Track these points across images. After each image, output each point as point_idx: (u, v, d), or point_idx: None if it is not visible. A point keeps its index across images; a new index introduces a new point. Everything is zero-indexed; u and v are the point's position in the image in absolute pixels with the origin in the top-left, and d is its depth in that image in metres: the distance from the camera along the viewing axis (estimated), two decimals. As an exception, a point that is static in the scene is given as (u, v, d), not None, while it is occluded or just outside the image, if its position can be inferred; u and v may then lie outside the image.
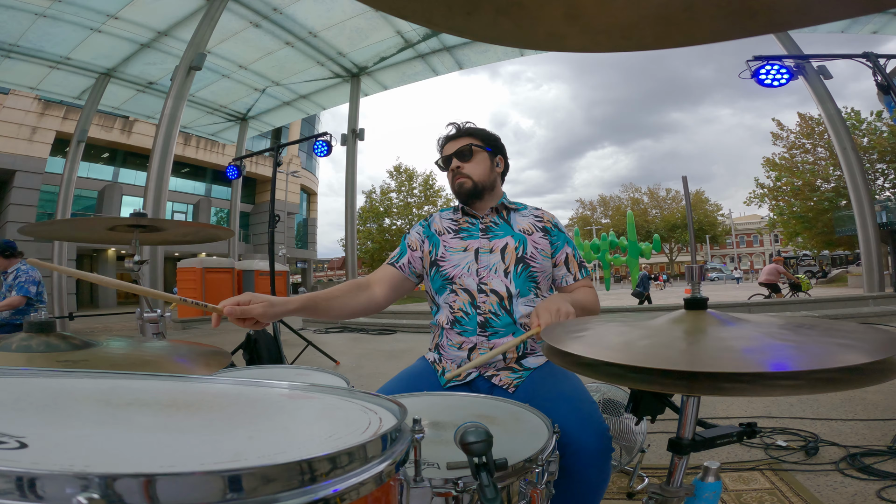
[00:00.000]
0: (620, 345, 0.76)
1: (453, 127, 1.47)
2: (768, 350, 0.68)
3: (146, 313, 2.25)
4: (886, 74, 3.83)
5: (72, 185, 11.38)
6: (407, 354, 5.62)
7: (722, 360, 0.66)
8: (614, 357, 0.68)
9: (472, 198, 1.41)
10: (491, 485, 0.61)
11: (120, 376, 0.71)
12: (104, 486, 0.32)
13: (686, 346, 0.73)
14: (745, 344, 0.70)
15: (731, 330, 0.76)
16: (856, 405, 2.84)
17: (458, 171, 1.40)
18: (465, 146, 1.41)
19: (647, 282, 13.89)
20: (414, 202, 25.34)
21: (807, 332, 0.75)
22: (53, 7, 8.53)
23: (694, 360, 0.67)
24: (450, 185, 1.46)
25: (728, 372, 0.64)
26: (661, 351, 0.71)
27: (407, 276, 1.43)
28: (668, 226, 39.97)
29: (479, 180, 1.40)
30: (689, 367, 0.63)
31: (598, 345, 0.78)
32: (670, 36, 0.47)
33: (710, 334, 0.76)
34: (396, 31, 10.36)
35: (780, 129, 20.70)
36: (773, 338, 0.72)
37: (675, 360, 0.67)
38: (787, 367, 0.62)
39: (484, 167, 1.42)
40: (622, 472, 1.96)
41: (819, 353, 0.66)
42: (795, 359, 0.65)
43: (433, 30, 1.96)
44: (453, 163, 1.41)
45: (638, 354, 0.71)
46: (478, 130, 1.45)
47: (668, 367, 0.64)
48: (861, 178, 9.65)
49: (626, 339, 0.78)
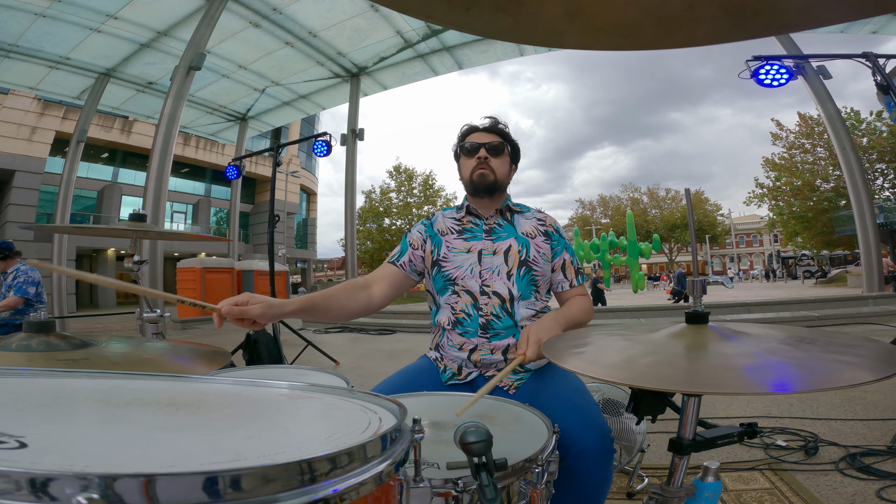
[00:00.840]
0: (622, 362, 0.76)
1: (489, 120, 1.47)
2: (769, 368, 0.68)
3: (146, 313, 2.25)
4: (886, 74, 3.83)
5: (71, 185, 11.36)
6: (407, 354, 5.62)
7: (723, 379, 0.67)
8: (615, 376, 0.69)
9: (487, 192, 1.41)
10: (491, 485, 0.61)
11: (120, 376, 0.71)
12: (104, 486, 0.32)
13: (688, 364, 0.73)
14: (746, 361, 0.70)
15: (732, 346, 0.76)
16: (855, 405, 2.84)
17: (484, 162, 1.40)
18: (500, 142, 1.42)
19: (684, 280, 13.94)
20: (413, 202, 25.33)
21: (807, 347, 0.75)
22: (53, 7, 8.52)
23: (695, 381, 0.67)
24: (466, 174, 1.44)
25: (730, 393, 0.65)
26: (663, 369, 0.72)
27: (408, 274, 1.43)
28: (668, 226, 39.97)
29: (500, 178, 1.42)
30: (690, 389, 0.64)
31: (600, 362, 0.78)
32: (671, 36, 0.46)
33: (711, 350, 0.76)
34: (396, 31, 10.35)
35: (779, 130, 20.72)
36: (774, 354, 0.73)
37: (676, 380, 0.68)
38: (790, 388, 0.62)
39: (507, 168, 1.45)
40: (622, 472, 1.96)
41: (821, 371, 0.66)
42: (797, 378, 0.65)
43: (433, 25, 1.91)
44: (482, 152, 1.41)
45: (639, 374, 0.71)
46: (508, 134, 1.47)
47: (670, 388, 0.65)
48: (861, 178, 9.65)
49: (628, 355, 0.78)
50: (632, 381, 0.67)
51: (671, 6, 0.44)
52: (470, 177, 1.42)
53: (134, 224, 2.30)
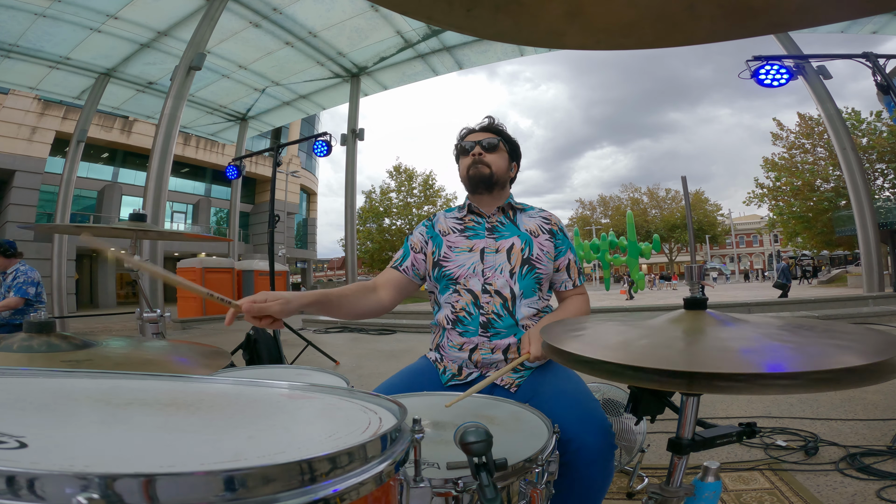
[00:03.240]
0: (619, 344, 0.77)
1: (486, 119, 1.49)
2: (766, 351, 0.69)
3: (146, 313, 2.25)
4: (886, 74, 3.83)
5: (71, 184, 11.36)
6: (407, 354, 5.62)
7: (719, 360, 0.66)
8: (613, 356, 0.69)
9: (484, 186, 1.42)
10: (491, 485, 0.61)
11: (120, 376, 0.71)
12: (104, 486, 0.32)
13: (684, 346, 0.73)
14: (743, 344, 0.70)
15: (729, 330, 0.76)
16: (855, 405, 2.84)
17: (479, 158, 1.41)
18: (494, 139, 1.44)
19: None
20: (414, 202, 25.29)
21: (805, 333, 0.75)
22: (53, 7, 8.53)
23: (692, 361, 0.67)
24: (463, 171, 1.45)
25: (725, 373, 0.65)
26: (660, 351, 0.72)
27: (411, 278, 1.43)
28: (668, 226, 39.96)
29: (496, 172, 1.42)
30: (687, 368, 0.64)
31: (597, 344, 0.78)
32: (671, 35, 0.46)
33: (708, 334, 0.76)
34: (396, 31, 10.35)
35: (779, 129, 20.71)
36: (771, 338, 0.73)
37: (673, 359, 0.67)
38: (784, 367, 0.62)
39: (504, 163, 1.45)
40: (622, 471, 1.96)
41: (816, 354, 0.66)
42: (792, 360, 0.65)
43: (434, 26, 1.90)
44: (476, 148, 1.42)
45: (636, 354, 0.71)
46: (505, 133, 1.49)
47: (666, 366, 0.65)
48: (861, 178, 9.65)
49: (625, 338, 0.79)
50: (629, 362, 0.66)
51: (671, 6, 0.44)
52: (467, 173, 1.43)
53: (134, 224, 2.30)
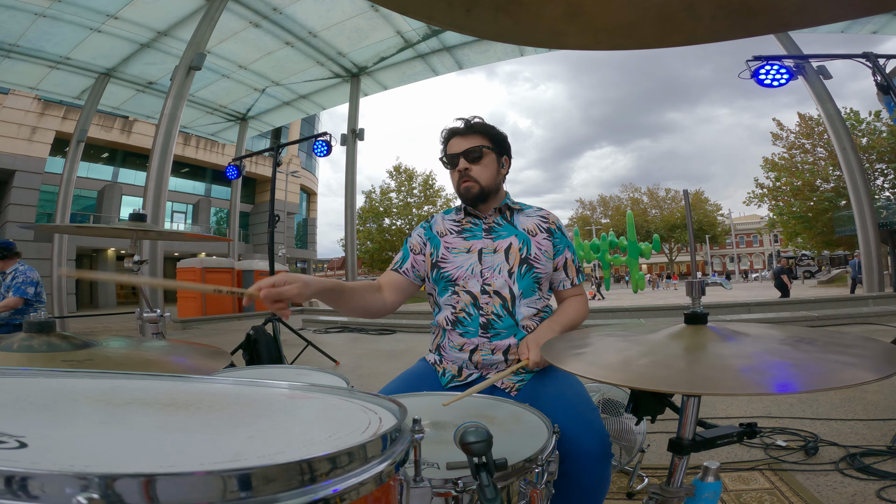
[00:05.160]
0: (619, 364, 0.77)
1: (462, 122, 1.40)
2: (766, 369, 0.69)
3: (146, 313, 2.25)
4: (886, 74, 3.83)
5: (71, 184, 11.35)
6: (407, 354, 5.62)
7: (721, 381, 0.67)
8: (613, 377, 0.71)
9: (477, 202, 1.39)
10: (491, 485, 0.61)
11: (120, 376, 0.71)
12: (104, 486, 0.32)
13: (685, 366, 0.73)
14: (744, 363, 0.70)
15: (730, 346, 0.76)
16: (855, 405, 2.84)
17: (465, 174, 1.36)
18: (476, 147, 1.36)
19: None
20: (414, 202, 25.30)
21: (806, 347, 0.75)
22: (53, 7, 8.52)
23: (692, 382, 0.67)
24: (454, 184, 1.42)
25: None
26: (660, 371, 0.72)
27: (412, 279, 1.42)
28: (668, 226, 40.00)
29: (486, 184, 1.37)
30: (688, 390, 0.65)
31: (598, 363, 0.79)
32: (671, 35, 0.47)
33: (709, 351, 0.76)
34: (396, 31, 10.34)
35: (779, 129, 20.72)
36: (773, 355, 0.73)
37: (673, 381, 0.68)
38: (793, 388, 0.62)
39: (492, 170, 1.38)
40: (622, 472, 1.96)
41: (822, 372, 0.66)
42: (800, 378, 0.65)
43: (434, 26, 1.90)
44: (461, 163, 1.36)
45: (636, 375, 0.72)
46: (487, 128, 1.40)
47: (666, 389, 0.66)
48: (861, 178, 9.64)
49: (625, 356, 0.79)
50: (629, 383, 0.68)
51: (671, 6, 0.44)
52: (457, 188, 1.40)
53: (134, 224, 2.30)
